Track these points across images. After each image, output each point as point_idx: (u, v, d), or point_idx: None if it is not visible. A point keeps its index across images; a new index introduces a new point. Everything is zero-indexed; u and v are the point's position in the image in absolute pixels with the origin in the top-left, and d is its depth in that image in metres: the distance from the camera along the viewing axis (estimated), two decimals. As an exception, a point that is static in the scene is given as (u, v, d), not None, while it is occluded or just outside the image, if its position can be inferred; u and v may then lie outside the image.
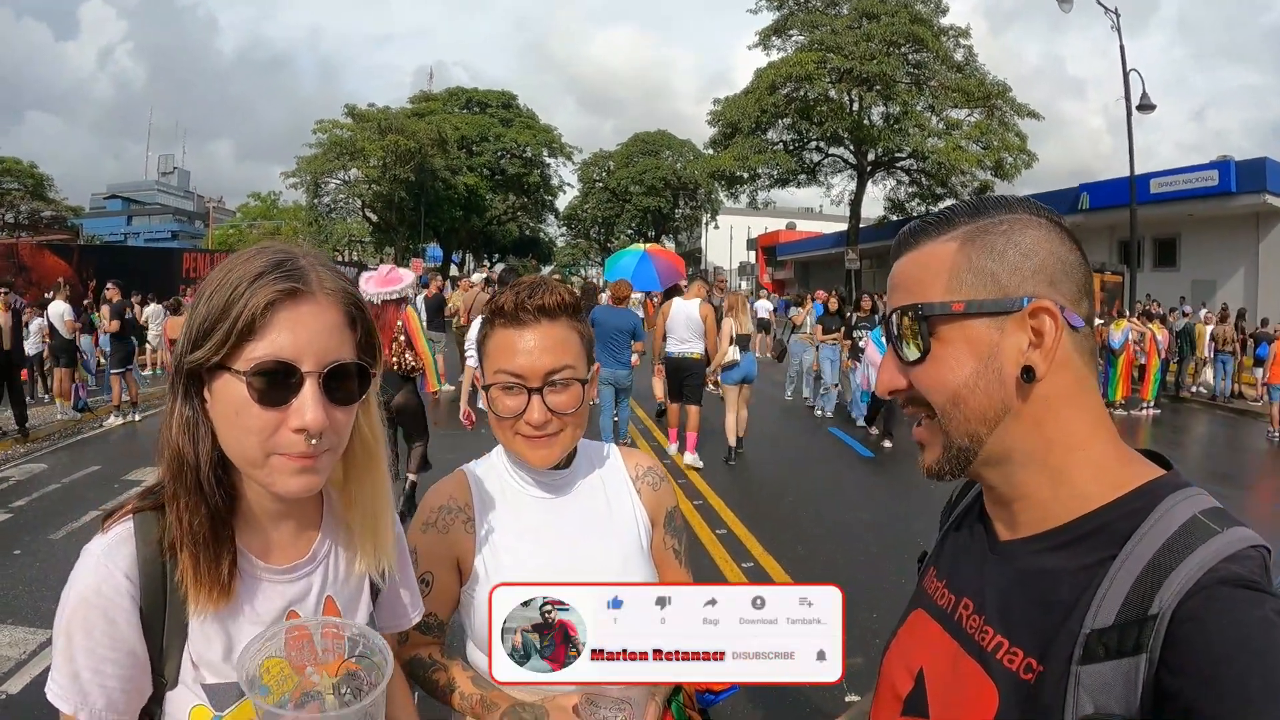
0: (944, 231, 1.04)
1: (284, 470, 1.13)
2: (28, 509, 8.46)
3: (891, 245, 1.12)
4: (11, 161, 53.20)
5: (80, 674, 1.10)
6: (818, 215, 74.81)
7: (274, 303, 1.11)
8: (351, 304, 1.21)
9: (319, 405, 1.11)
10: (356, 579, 1.37)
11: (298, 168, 51.99)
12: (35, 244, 25.15)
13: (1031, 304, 0.97)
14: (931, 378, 1.02)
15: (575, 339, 1.67)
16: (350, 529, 1.34)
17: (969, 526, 1.20)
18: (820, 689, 4.59)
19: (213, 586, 1.13)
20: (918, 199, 42.89)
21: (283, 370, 1.10)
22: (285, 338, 1.11)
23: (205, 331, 1.11)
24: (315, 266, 1.19)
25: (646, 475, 1.89)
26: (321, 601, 1.30)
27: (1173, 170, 28.13)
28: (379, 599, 1.46)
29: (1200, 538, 0.88)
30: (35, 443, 11.81)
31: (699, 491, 8.99)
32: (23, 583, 6.35)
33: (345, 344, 1.18)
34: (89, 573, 1.13)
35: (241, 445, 1.12)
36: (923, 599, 1.22)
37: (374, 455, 1.32)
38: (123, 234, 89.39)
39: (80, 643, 1.10)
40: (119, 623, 1.12)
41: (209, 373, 1.13)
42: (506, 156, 61.97)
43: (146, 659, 1.15)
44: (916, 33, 38.22)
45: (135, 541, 1.15)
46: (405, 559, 1.53)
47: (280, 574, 1.26)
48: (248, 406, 1.10)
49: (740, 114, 42.17)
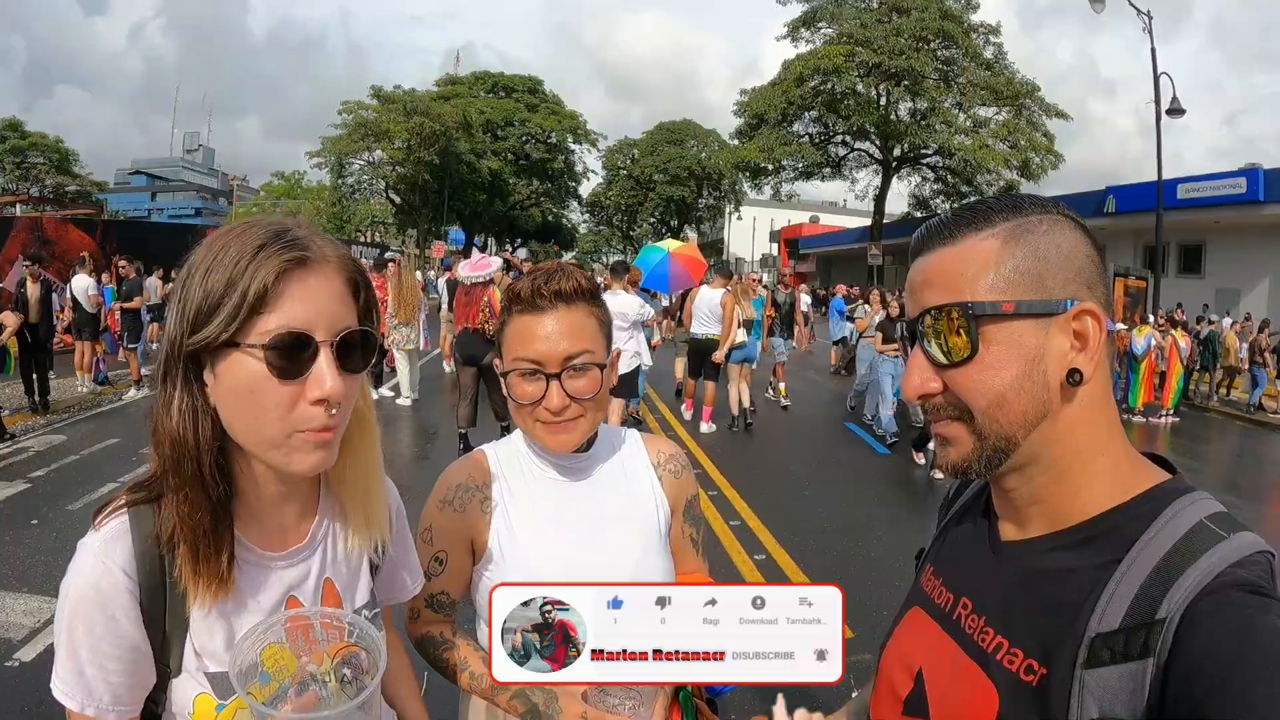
0: (982, 227, 1.00)
1: (304, 447, 1.11)
2: (46, 480, 8.51)
3: (916, 238, 1.08)
4: (38, 136, 53.57)
5: (84, 670, 1.10)
6: (841, 210, 74.62)
7: (283, 273, 1.08)
8: (354, 271, 1.19)
9: (337, 373, 1.09)
10: (355, 558, 1.36)
11: (323, 148, 52.09)
12: (60, 218, 25.28)
13: (1076, 307, 0.96)
14: (976, 380, 0.98)
15: (593, 324, 1.67)
16: (344, 506, 1.33)
17: (969, 524, 1.20)
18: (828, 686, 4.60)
19: (211, 579, 1.12)
20: (942, 196, 42.75)
21: (299, 341, 1.07)
22: (298, 308, 1.08)
23: (209, 310, 1.06)
24: (314, 236, 1.16)
25: (669, 463, 1.88)
26: (320, 584, 1.29)
27: (1200, 176, 27.80)
28: (379, 573, 1.45)
29: (1207, 543, 0.87)
30: (55, 414, 11.89)
31: (714, 482, 8.97)
32: (39, 552, 6.40)
33: (351, 312, 1.16)
34: (87, 569, 1.11)
35: (259, 424, 1.09)
36: (920, 597, 1.22)
37: (366, 428, 1.30)
38: (147, 210, 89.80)
39: (82, 639, 1.10)
40: (119, 618, 1.11)
41: (212, 354, 1.09)
42: (531, 141, 61.85)
43: (149, 651, 1.14)
44: (946, 28, 38.01)
45: (131, 536, 1.13)
46: (404, 530, 1.54)
47: (279, 560, 1.24)
48: (265, 382, 1.06)
49: (767, 105, 42.07)
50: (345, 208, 54.85)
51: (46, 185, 52.82)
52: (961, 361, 0.98)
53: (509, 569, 1.67)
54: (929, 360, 1.01)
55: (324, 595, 1.30)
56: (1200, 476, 2.22)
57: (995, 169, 38.69)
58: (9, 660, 4.69)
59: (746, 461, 10.19)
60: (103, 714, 1.11)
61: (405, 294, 12.76)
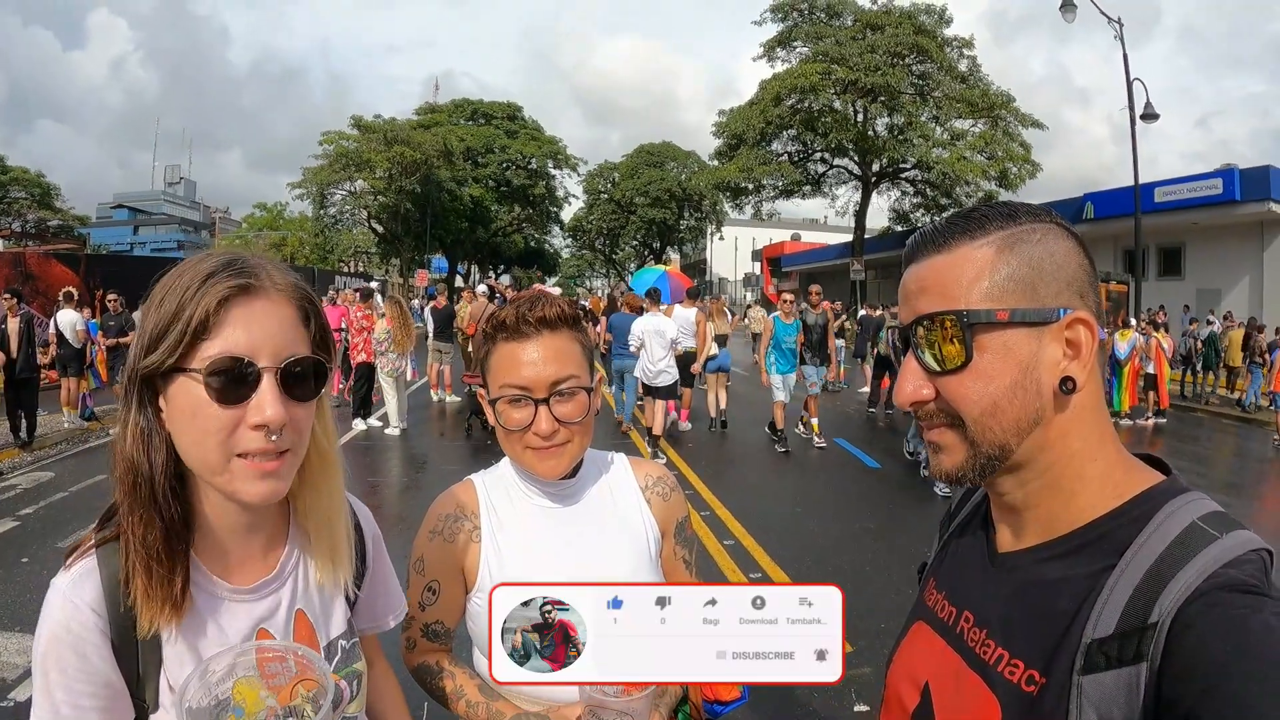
0: (976, 235, 1.01)
1: (245, 475, 1.12)
2: (35, 517, 8.48)
3: (910, 244, 1.08)
4: (19, 171, 53.49)
5: (60, 709, 1.11)
6: (822, 226, 74.91)
7: (226, 299, 1.10)
8: (304, 300, 1.20)
9: (278, 400, 1.10)
10: (328, 588, 1.36)
11: (304, 179, 51.98)
12: (42, 253, 25.19)
13: (1069, 315, 0.97)
14: (969, 387, 0.99)
15: (577, 349, 1.68)
16: (309, 540, 1.33)
17: (969, 537, 1.21)
18: (826, 698, 4.59)
19: (164, 602, 1.12)
20: (922, 209, 42.85)
21: (239, 366, 1.09)
22: (240, 334, 1.10)
23: (158, 336, 1.10)
24: (265, 265, 1.18)
25: (656, 485, 1.88)
26: (292, 616, 1.29)
27: (1177, 179, 27.99)
28: (357, 602, 1.45)
29: (1200, 544, 0.88)
30: (42, 450, 11.82)
31: (706, 502, 8.99)
32: (30, 590, 6.35)
33: (300, 340, 1.17)
34: (57, 610, 1.13)
35: (201, 449, 1.11)
36: (923, 611, 1.22)
37: (329, 461, 1.30)
38: (129, 243, 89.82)
39: (56, 679, 1.11)
40: (90, 657, 1.12)
41: (163, 378, 1.12)
42: (512, 168, 61.79)
43: (124, 687, 1.15)
44: (920, 43, 38.22)
45: (100, 574, 1.15)
46: (382, 557, 1.53)
47: (246, 594, 1.24)
48: (205, 407, 1.08)
49: (745, 125, 42.14)
50: (328, 238, 54.71)
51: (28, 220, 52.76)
52: (955, 369, 0.99)
53: None
54: (921, 367, 1.02)
55: (296, 626, 1.30)
56: (1191, 477, 2.29)
57: (974, 180, 38.80)
58: (3, 700, 4.66)
59: (737, 480, 10.23)
60: None
61: (407, 325, 12.89)
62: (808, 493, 9.68)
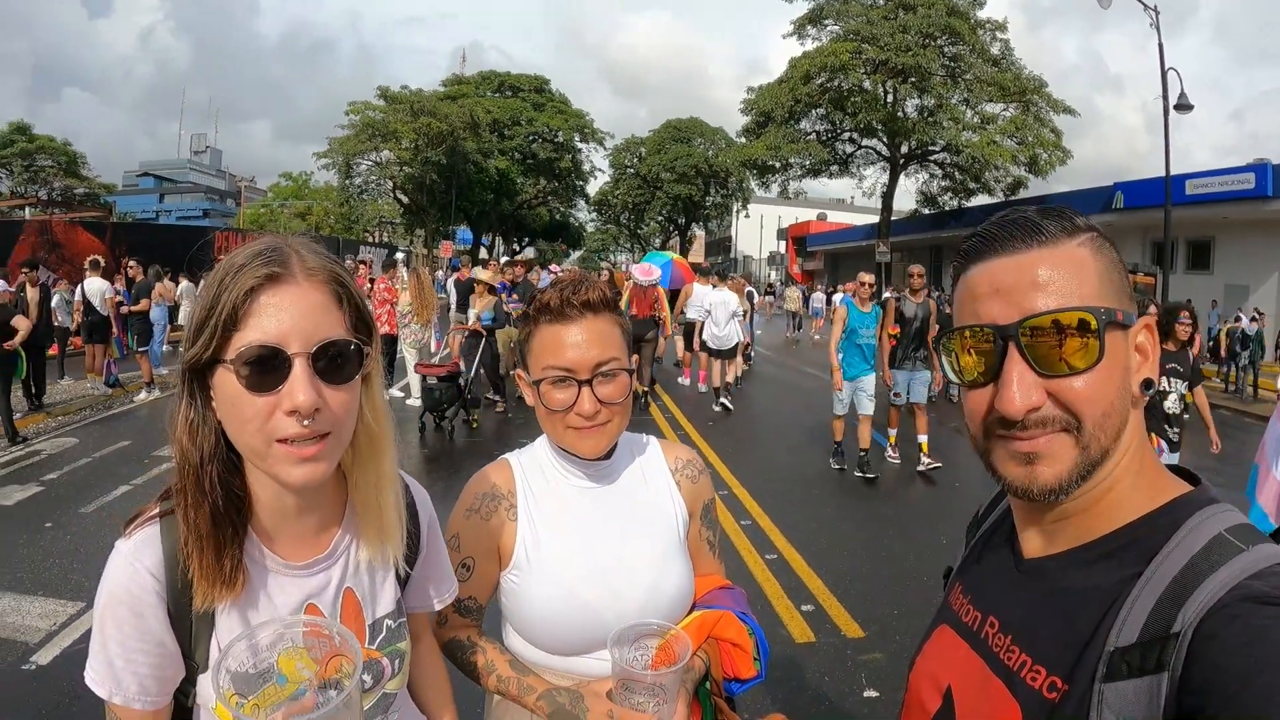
0: (1073, 233, 0.99)
1: (285, 460, 1.14)
2: (58, 483, 8.59)
3: (989, 233, 1.03)
4: (45, 139, 53.70)
5: (113, 662, 1.17)
6: (849, 207, 74.33)
7: (254, 289, 1.13)
8: (335, 283, 1.21)
9: (309, 385, 1.12)
10: (379, 568, 1.39)
11: (330, 148, 52.01)
12: (68, 221, 25.38)
13: (1142, 319, 0.99)
14: (1094, 389, 0.95)
15: (617, 332, 1.72)
16: (359, 519, 1.36)
17: (996, 543, 1.21)
18: (837, 683, 4.62)
19: (215, 581, 1.17)
20: (950, 193, 42.59)
21: (269, 354, 1.11)
22: (269, 322, 1.13)
23: (198, 329, 1.14)
24: (297, 250, 1.20)
25: (685, 468, 1.92)
26: (340, 594, 1.33)
27: (1209, 172, 27.69)
28: (408, 583, 1.49)
29: (1225, 555, 0.88)
30: (66, 417, 12.00)
31: (725, 482, 8.99)
32: (54, 555, 6.48)
33: (333, 323, 1.19)
34: (118, 570, 1.19)
35: (243, 435, 1.15)
36: (948, 615, 1.23)
37: (377, 443, 1.33)
38: (155, 211, 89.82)
39: (112, 634, 1.18)
40: (146, 617, 1.18)
41: (208, 369, 1.15)
42: (538, 141, 61.63)
43: (176, 648, 1.21)
44: (953, 25, 37.84)
45: (161, 541, 1.21)
46: (436, 540, 1.57)
47: (298, 569, 1.29)
48: (241, 395, 1.12)
49: (773, 103, 41.91)
50: (353, 208, 54.86)
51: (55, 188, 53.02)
52: (1081, 370, 0.95)
53: (534, 574, 1.72)
54: (1035, 370, 0.97)
55: (344, 604, 1.34)
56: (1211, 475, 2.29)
57: (1003, 165, 38.47)
58: (25, 664, 4.75)
59: (757, 462, 10.23)
60: (129, 703, 1.19)
61: (426, 296, 12.86)
62: (828, 477, 9.62)
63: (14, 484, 8.52)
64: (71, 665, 4.67)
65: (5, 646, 4.96)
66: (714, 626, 1.74)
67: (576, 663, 1.69)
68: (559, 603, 1.68)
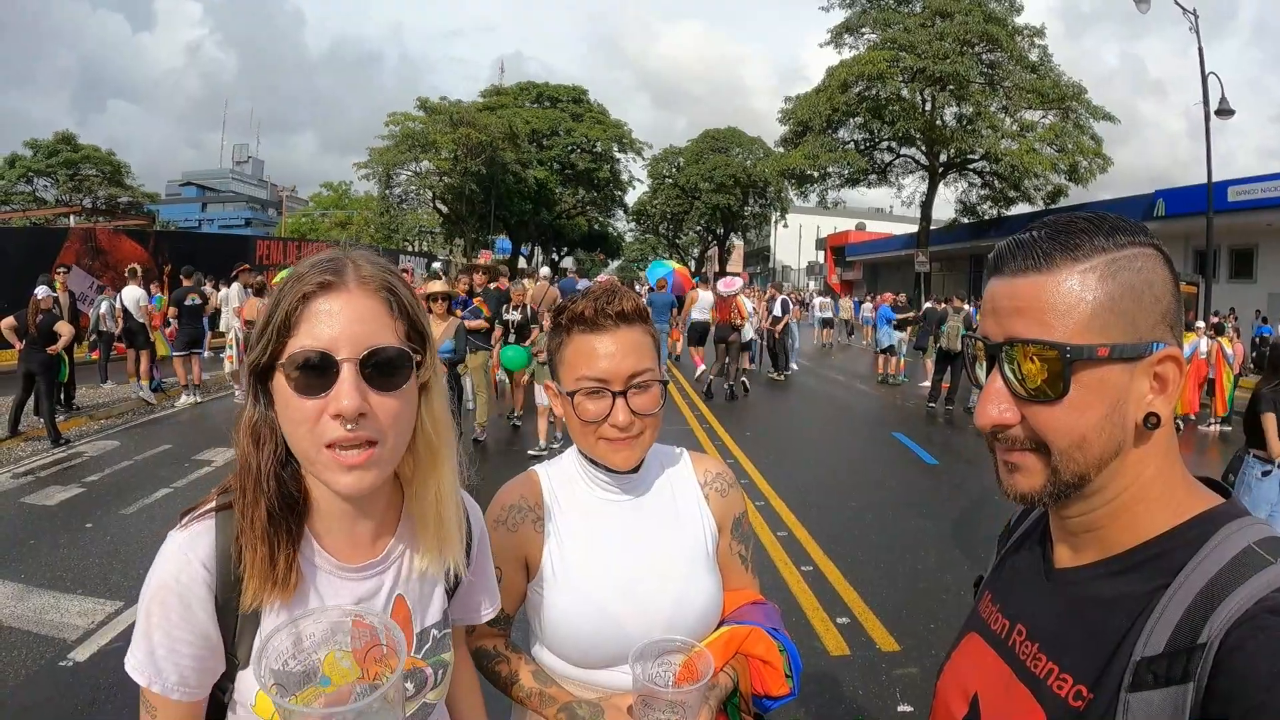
0: (1079, 256, 0.97)
1: (332, 467, 1.16)
2: (100, 484, 8.80)
3: (1002, 252, 1.03)
4: (90, 149, 54.36)
5: (156, 651, 1.18)
6: (888, 216, 74.04)
7: (308, 296, 1.17)
8: (388, 291, 1.23)
9: (355, 390, 1.14)
10: (430, 577, 1.40)
11: (370, 159, 52.38)
12: (112, 229, 25.84)
13: (1161, 351, 0.96)
14: (1061, 420, 0.96)
15: (650, 342, 1.71)
16: (417, 528, 1.37)
17: (1026, 552, 1.21)
18: (871, 698, 4.63)
19: (266, 580, 1.19)
20: (990, 202, 42.21)
21: (318, 359, 1.14)
22: (320, 329, 1.16)
23: (259, 335, 1.19)
24: (355, 260, 1.24)
25: (715, 481, 1.89)
26: (391, 600, 1.34)
27: (1251, 179, 27.26)
28: (455, 594, 1.50)
29: (1254, 568, 0.88)
30: (109, 420, 12.26)
31: (761, 493, 8.98)
32: (93, 555, 6.65)
33: (384, 330, 1.20)
34: (169, 560, 1.21)
35: (295, 438, 1.18)
36: (977, 623, 1.23)
37: (437, 453, 1.33)
38: (197, 220, 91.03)
39: (158, 623, 1.18)
40: (194, 607, 1.19)
41: (268, 373, 1.19)
42: (577, 151, 61.68)
43: (220, 641, 1.22)
44: (990, 32, 37.56)
45: (215, 535, 1.22)
46: (485, 555, 1.59)
47: (351, 572, 1.30)
48: (292, 399, 1.15)
49: (811, 112, 41.84)
50: (393, 218, 55.10)
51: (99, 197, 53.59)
52: (1051, 399, 0.96)
53: (561, 586, 1.72)
54: (1009, 391, 1.00)
55: (394, 610, 1.35)
56: None
57: (1043, 173, 38.13)
58: (63, 660, 4.87)
59: (794, 473, 10.19)
60: (167, 693, 1.19)
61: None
62: (865, 487, 9.56)
63: (56, 485, 8.73)
64: (108, 663, 4.79)
65: (44, 643, 5.08)
66: (742, 642, 1.73)
67: (601, 675, 1.69)
68: (584, 616, 1.68)
